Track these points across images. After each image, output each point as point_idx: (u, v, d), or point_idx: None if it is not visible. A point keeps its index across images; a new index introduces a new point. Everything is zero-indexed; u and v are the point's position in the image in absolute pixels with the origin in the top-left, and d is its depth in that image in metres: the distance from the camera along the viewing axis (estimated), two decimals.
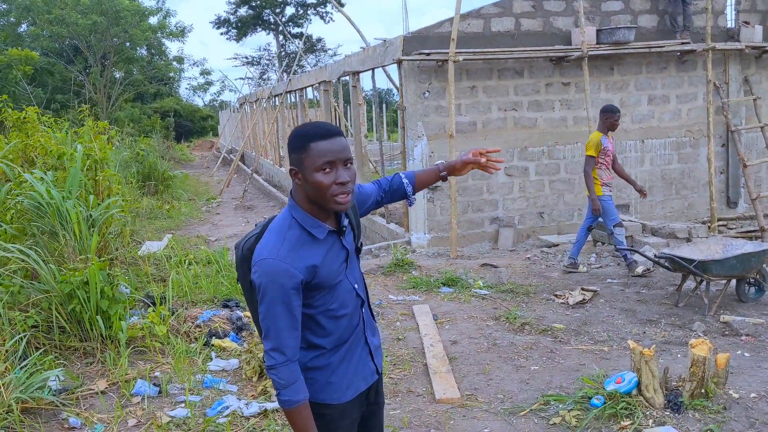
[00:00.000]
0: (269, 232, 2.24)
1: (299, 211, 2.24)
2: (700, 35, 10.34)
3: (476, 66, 9.85)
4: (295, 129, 2.27)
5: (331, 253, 2.27)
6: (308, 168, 2.15)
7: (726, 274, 6.19)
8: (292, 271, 2.14)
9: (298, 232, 2.21)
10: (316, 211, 2.24)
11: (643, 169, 10.69)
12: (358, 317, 2.40)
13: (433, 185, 9.79)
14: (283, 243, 2.17)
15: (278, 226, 2.24)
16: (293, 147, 2.20)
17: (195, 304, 6.61)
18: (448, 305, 6.86)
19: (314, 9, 48.48)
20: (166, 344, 5.47)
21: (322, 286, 2.24)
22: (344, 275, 2.33)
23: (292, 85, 17.80)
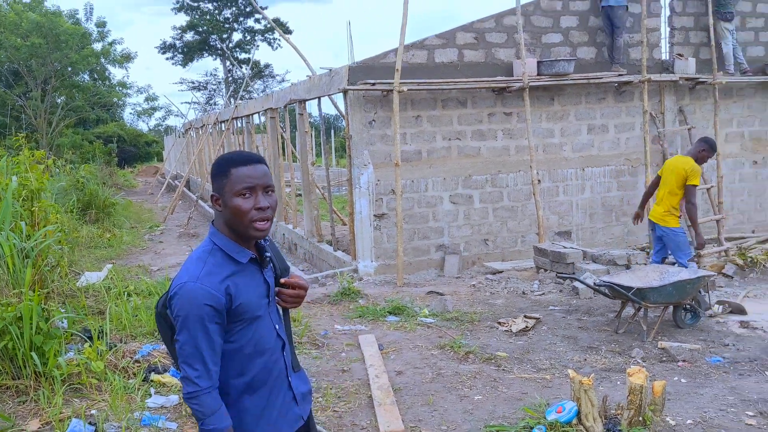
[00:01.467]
0: (188, 261, 2.23)
1: (221, 237, 2.23)
2: (636, 67, 10.71)
3: (421, 96, 9.98)
4: (218, 156, 2.30)
5: (252, 281, 2.26)
6: (228, 193, 2.17)
7: (663, 301, 6.36)
8: (213, 294, 2.11)
9: (220, 256, 2.20)
10: (237, 239, 2.24)
11: (584, 196, 10.94)
12: (278, 360, 2.34)
13: (378, 213, 9.86)
14: (203, 267, 2.16)
15: (198, 253, 2.24)
16: (215, 173, 2.21)
17: (134, 337, 6.44)
18: (394, 334, 6.86)
19: (262, 35, 48.48)
20: (103, 381, 5.31)
21: (242, 316, 2.20)
22: (265, 312, 2.30)
23: (239, 111, 17.70)
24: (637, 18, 10.69)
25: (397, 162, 9.32)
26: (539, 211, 9.96)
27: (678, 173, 7.26)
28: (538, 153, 10.44)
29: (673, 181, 7.29)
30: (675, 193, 7.32)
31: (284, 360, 2.37)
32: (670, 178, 7.33)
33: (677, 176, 7.27)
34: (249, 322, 2.23)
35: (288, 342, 2.41)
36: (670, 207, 7.34)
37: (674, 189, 7.30)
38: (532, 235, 10.47)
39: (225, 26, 48.29)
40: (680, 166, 7.28)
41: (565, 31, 10.69)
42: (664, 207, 7.37)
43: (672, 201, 7.33)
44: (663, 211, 7.37)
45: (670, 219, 7.34)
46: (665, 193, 7.38)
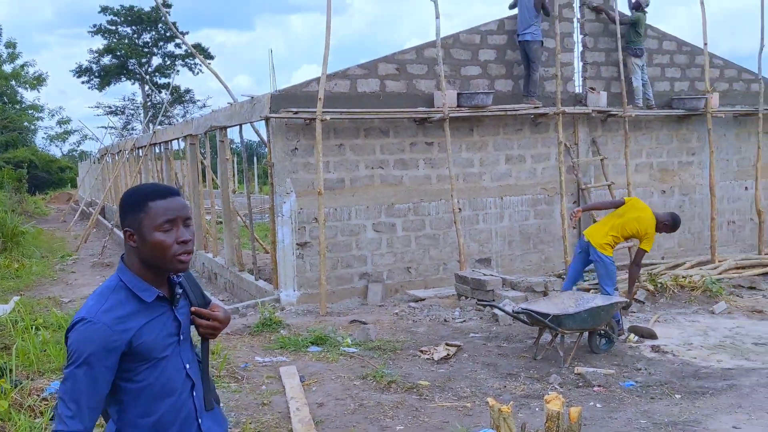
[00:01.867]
0: (91, 297, 2.15)
1: (128, 274, 2.16)
2: (551, 100, 11.09)
3: (344, 125, 10.02)
4: (130, 189, 2.22)
5: (158, 321, 2.17)
6: (147, 227, 2.11)
7: (578, 327, 6.54)
8: (109, 334, 2.03)
9: (124, 294, 2.13)
10: (149, 275, 2.17)
11: (503, 224, 11.19)
12: (186, 401, 2.25)
13: (301, 241, 9.78)
14: (103, 304, 2.08)
15: (102, 289, 2.16)
16: (130, 207, 2.14)
17: (42, 374, 6.13)
18: (316, 365, 6.78)
19: (182, 60, 47.77)
20: (6, 421, 5.01)
21: (145, 357, 2.11)
22: (174, 351, 2.22)
23: (157, 137, 17.32)
24: (551, 53, 11.11)
25: (320, 190, 9.30)
26: (460, 239, 10.12)
27: (638, 225, 7.33)
28: (459, 182, 10.64)
29: (630, 225, 7.35)
30: (622, 233, 7.39)
31: (193, 401, 2.27)
32: (630, 222, 7.36)
33: (634, 226, 7.34)
34: (154, 363, 2.15)
35: (202, 381, 2.32)
36: (611, 239, 7.37)
37: (624, 230, 7.38)
38: (454, 263, 10.61)
39: (144, 50, 47.34)
40: (645, 223, 7.35)
41: (484, 64, 10.99)
42: (607, 237, 7.37)
43: (615, 236, 7.38)
44: (603, 242, 7.38)
45: (608, 249, 7.40)
46: (615, 225, 7.40)
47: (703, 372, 6.33)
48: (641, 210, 7.48)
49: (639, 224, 7.35)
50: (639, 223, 7.35)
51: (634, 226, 7.36)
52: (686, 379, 6.10)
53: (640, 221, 7.35)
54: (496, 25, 11.10)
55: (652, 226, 7.40)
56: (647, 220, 7.37)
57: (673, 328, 8.01)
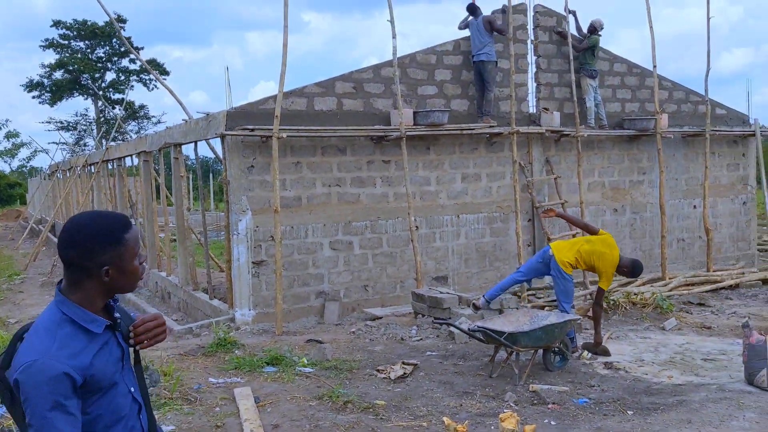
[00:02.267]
0: (34, 334, 2.04)
1: (72, 306, 2.08)
2: (506, 119, 11.25)
3: (300, 143, 10.00)
4: (95, 223, 2.11)
5: (106, 350, 2.13)
6: (127, 259, 2.11)
7: (533, 344, 6.60)
8: (69, 371, 1.96)
9: (70, 329, 2.05)
10: (98, 305, 2.13)
11: (459, 242, 11.27)
12: (134, 426, 2.22)
13: (257, 260, 9.69)
14: (54, 342, 2.00)
15: (46, 324, 2.06)
16: (104, 243, 2.07)
17: None
18: (272, 386, 6.69)
19: (137, 76, 47.13)
20: None
21: (98, 388, 2.07)
22: (120, 377, 2.18)
23: (110, 153, 17.02)
24: (506, 73, 11.29)
25: (277, 208, 9.23)
26: (417, 257, 10.15)
27: (602, 262, 7.36)
28: (416, 200, 10.69)
29: (594, 257, 7.39)
30: (585, 261, 7.43)
31: (141, 424, 2.25)
32: (596, 254, 7.40)
33: (598, 261, 7.38)
34: (105, 392, 2.11)
35: (144, 404, 2.29)
36: (573, 260, 7.42)
37: (589, 259, 7.42)
38: (411, 281, 10.63)
39: (98, 65, 46.59)
40: (607, 262, 7.38)
41: (440, 84, 11.11)
42: (571, 257, 7.43)
43: (578, 259, 7.43)
44: (566, 260, 7.41)
45: (569, 268, 7.45)
46: (582, 251, 7.45)
47: (654, 388, 6.44)
48: (610, 248, 7.48)
49: (603, 261, 7.39)
50: (603, 260, 7.39)
51: (598, 261, 7.41)
52: (638, 396, 6.19)
53: (603, 258, 7.39)
54: (451, 46, 11.25)
55: (614, 266, 7.43)
56: (611, 260, 7.40)
57: (625, 345, 8.14)
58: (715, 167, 13.65)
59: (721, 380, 6.69)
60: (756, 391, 6.23)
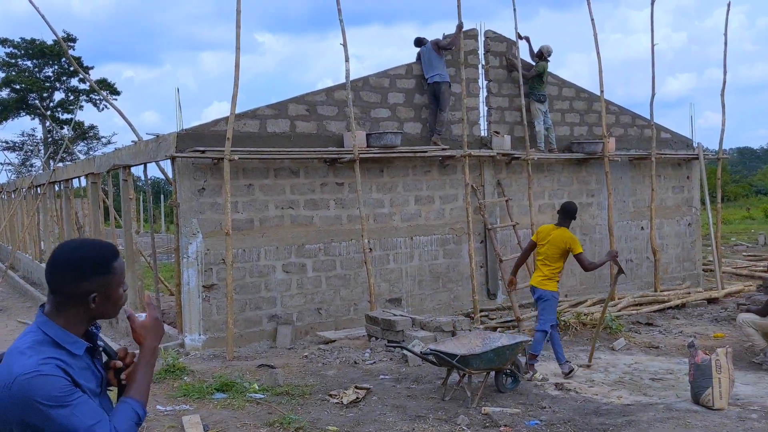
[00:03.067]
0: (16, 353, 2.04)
1: (53, 327, 2.11)
2: (458, 142, 11.37)
3: (253, 165, 9.92)
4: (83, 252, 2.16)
5: (87, 372, 2.14)
6: (114, 287, 2.18)
7: (485, 367, 6.62)
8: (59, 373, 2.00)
9: (52, 349, 2.07)
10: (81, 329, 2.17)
11: (413, 264, 11.29)
12: None
13: (208, 283, 9.53)
14: (41, 355, 2.02)
15: (31, 343, 2.06)
16: (95, 271, 2.14)
17: None
18: (221, 413, 6.56)
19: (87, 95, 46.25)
20: None
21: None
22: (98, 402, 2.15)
23: (57, 175, 16.62)
24: (457, 97, 11.43)
25: (228, 231, 9.11)
26: (371, 279, 10.12)
27: (557, 245, 7.62)
28: (370, 222, 10.69)
29: (554, 253, 7.64)
30: (553, 262, 7.65)
31: None
32: (549, 249, 7.67)
33: (556, 248, 7.63)
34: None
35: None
36: (549, 273, 7.64)
37: (553, 258, 7.65)
38: (365, 303, 10.59)
39: (46, 85, 45.59)
40: (558, 239, 7.64)
41: (393, 107, 11.19)
42: (543, 274, 7.67)
43: (550, 269, 7.65)
44: (541, 278, 7.66)
45: (549, 283, 7.64)
46: (543, 263, 7.71)
47: (604, 408, 6.52)
48: (550, 234, 7.78)
49: (556, 245, 7.63)
50: (555, 244, 7.64)
51: (555, 246, 7.64)
52: (588, 416, 6.26)
53: (555, 243, 7.64)
54: (404, 70, 11.36)
55: (566, 234, 7.70)
56: (560, 237, 7.67)
57: (575, 366, 8.22)
58: (661, 189, 14.01)
59: (669, 400, 6.82)
60: (702, 410, 6.35)
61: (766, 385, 7.27)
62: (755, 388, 7.15)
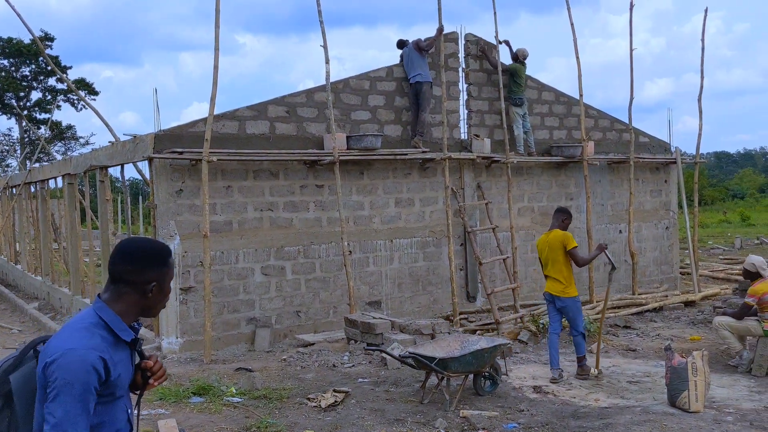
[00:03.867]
0: (71, 329, 2.24)
1: (110, 313, 2.31)
2: (438, 145, 11.37)
3: (232, 166, 9.85)
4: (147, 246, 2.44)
5: (125, 363, 2.34)
6: (168, 280, 2.42)
7: (463, 370, 6.61)
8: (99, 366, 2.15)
9: (105, 332, 2.27)
10: (131, 319, 2.38)
11: (393, 266, 11.27)
12: None
13: (185, 286, 9.44)
14: (91, 337, 2.21)
15: (85, 323, 2.27)
16: (156, 262, 2.39)
17: None
18: (198, 417, 6.49)
19: (64, 95, 45.73)
20: None
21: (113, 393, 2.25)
22: (126, 393, 2.37)
23: (33, 175, 16.39)
24: (438, 100, 11.44)
25: (206, 233, 9.04)
26: (350, 282, 10.08)
27: (556, 247, 7.73)
28: (349, 225, 10.65)
29: (556, 255, 7.72)
30: (563, 266, 7.72)
31: None
32: (552, 254, 7.76)
33: (556, 250, 7.73)
34: (115, 400, 2.28)
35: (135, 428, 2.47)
36: (564, 280, 7.71)
37: (560, 262, 7.72)
38: (344, 306, 10.54)
39: (23, 84, 45.02)
40: (554, 240, 7.77)
41: (373, 109, 11.17)
42: (561, 281, 7.72)
43: (563, 273, 7.72)
44: (561, 288, 7.72)
45: (569, 290, 7.73)
46: (555, 270, 7.76)
47: (581, 411, 6.54)
48: (546, 240, 7.91)
49: (555, 247, 7.74)
50: (554, 247, 7.75)
51: (556, 254, 7.74)
52: (566, 419, 6.27)
53: (554, 245, 7.76)
54: (385, 72, 11.35)
55: (559, 233, 7.81)
56: (554, 238, 7.81)
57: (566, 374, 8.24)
58: (639, 193, 14.12)
59: (646, 402, 6.85)
60: (678, 412, 6.40)
61: (742, 387, 7.33)
62: (731, 390, 7.21)
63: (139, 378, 2.46)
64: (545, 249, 7.88)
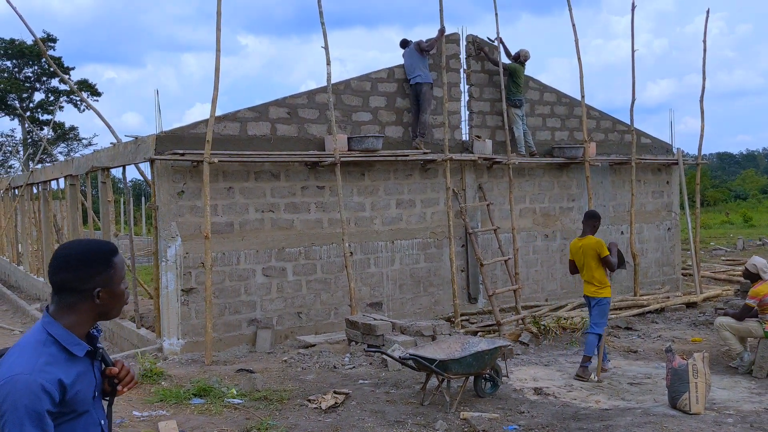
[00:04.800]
0: (18, 351, 2.11)
1: (58, 328, 2.16)
2: (439, 146, 11.37)
3: (233, 167, 9.86)
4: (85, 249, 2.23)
5: (85, 376, 2.19)
6: (116, 282, 2.23)
7: (464, 371, 6.61)
8: (49, 388, 2.03)
9: (55, 349, 2.13)
10: (83, 329, 2.22)
11: (394, 268, 11.27)
12: None
13: (187, 287, 9.45)
14: (39, 358, 2.07)
15: (32, 342, 2.13)
16: (96, 266, 2.20)
17: None
18: (198, 419, 6.49)
19: (67, 96, 45.81)
20: None
21: (74, 410, 2.12)
22: (92, 406, 2.23)
23: (35, 177, 16.43)
24: (439, 101, 11.44)
25: (207, 234, 9.04)
26: (351, 283, 10.08)
27: (590, 254, 8.00)
28: (350, 226, 10.66)
29: (590, 261, 8.01)
30: (595, 271, 7.99)
31: None
32: (586, 260, 8.04)
33: (591, 256, 7.99)
34: (78, 416, 2.16)
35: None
36: (598, 283, 8.00)
37: (593, 267, 8.00)
38: (345, 307, 10.55)
39: (25, 85, 45.11)
40: (589, 247, 8.04)
41: (374, 111, 11.17)
42: (594, 284, 8.03)
43: (597, 276, 8.00)
44: (594, 289, 8.03)
45: (604, 291, 8.03)
46: (589, 274, 8.06)
47: (582, 413, 6.53)
48: (580, 245, 8.18)
49: (589, 254, 8.01)
50: (589, 254, 8.02)
51: (590, 260, 8.02)
52: (566, 421, 6.26)
53: (588, 252, 8.03)
54: (386, 73, 11.35)
55: (593, 240, 8.08)
56: (589, 244, 8.07)
57: (555, 370, 8.25)
58: (641, 194, 14.10)
59: (646, 404, 6.85)
60: (678, 414, 6.39)
61: (743, 389, 7.32)
62: (731, 392, 7.20)
63: (107, 386, 2.32)
64: (579, 254, 8.14)
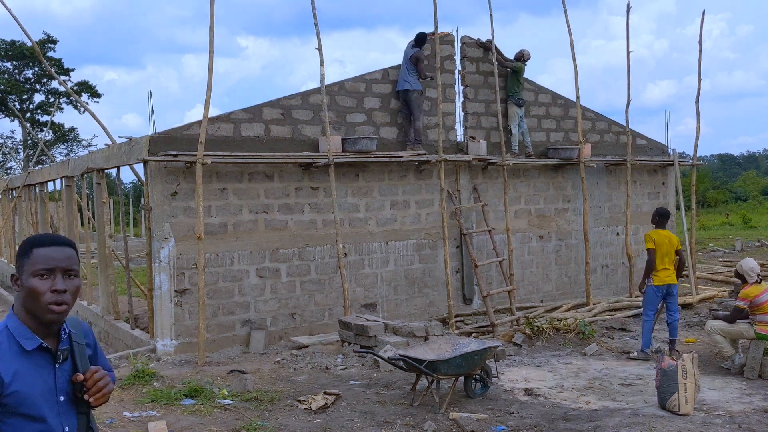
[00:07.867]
0: None
1: (14, 320, 2.15)
2: (434, 147, 11.37)
3: (227, 168, 9.88)
4: (28, 237, 2.26)
5: (37, 373, 2.09)
6: (27, 273, 2.13)
7: (453, 372, 6.62)
8: None
9: (6, 340, 2.11)
10: (33, 324, 2.14)
11: (388, 269, 11.28)
12: None
13: (180, 288, 9.46)
14: None
15: None
16: (19, 253, 2.20)
17: None
18: (189, 419, 6.50)
19: (67, 97, 45.87)
20: None
21: (17, 409, 2.03)
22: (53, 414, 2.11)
23: (32, 178, 16.45)
24: (433, 102, 11.45)
25: (200, 235, 9.05)
26: (345, 284, 10.09)
27: (674, 245, 8.90)
28: (345, 227, 10.67)
29: (672, 251, 8.86)
30: (673, 260, 8.90)
31: None
32: (670, 249, 8.85)
33: (674, 247, 8.88)
34: (27, 420, 2.05)
35: None
36: (673, 270, 8.88)
37: (673, 256, 8.89)
38: (339, 308, 10.55)
39: (25, 87, 45.17)
40: (675, 240, 8.97)
41: (369, 112, 11.18)
42: (671, 272, 8.85)
43: (673, 266, 8.89)
44: (674, 275, 8.89)
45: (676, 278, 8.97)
46: (670, 261, 8.87)
47: (571, 414, 6.54)
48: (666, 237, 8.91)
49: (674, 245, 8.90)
50: (673, 244, 8.90)
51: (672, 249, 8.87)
52: (555, 422, 6.27)
53: (673, 243, 8.90)
54: (380, 75, 11.35)
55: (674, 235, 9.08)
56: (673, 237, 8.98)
57: (547, 371, 8.25)
58: (637, 195, 14.10)
59: (636, 405, 6.85)
60: (667, 415, 6.39)
61: (733, 390, 7.32)
62: (722, 393, 7.20)
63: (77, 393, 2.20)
64: (666, 244, 8.84)
